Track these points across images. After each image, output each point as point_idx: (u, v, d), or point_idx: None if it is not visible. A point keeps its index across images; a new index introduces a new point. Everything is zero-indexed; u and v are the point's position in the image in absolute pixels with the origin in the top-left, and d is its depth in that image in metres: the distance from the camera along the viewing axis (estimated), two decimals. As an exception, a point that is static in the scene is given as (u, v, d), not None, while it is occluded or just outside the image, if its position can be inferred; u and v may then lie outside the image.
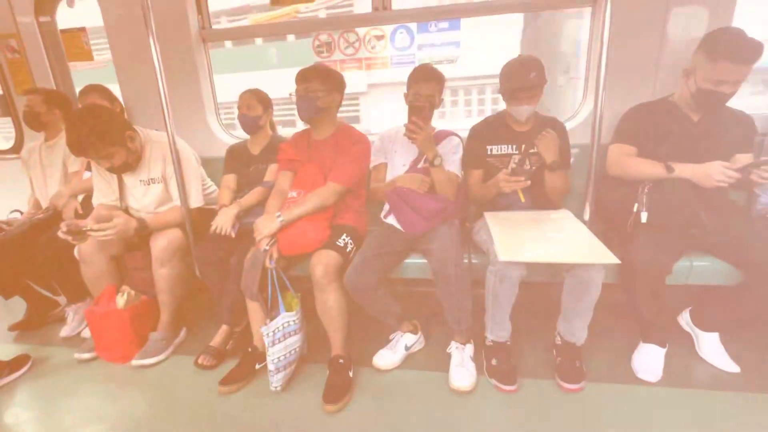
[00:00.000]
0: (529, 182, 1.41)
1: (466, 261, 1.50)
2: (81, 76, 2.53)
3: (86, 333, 1.85)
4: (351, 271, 1.43)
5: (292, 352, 1.44)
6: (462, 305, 1.44)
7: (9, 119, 2.56)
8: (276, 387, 1.42)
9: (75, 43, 2.25)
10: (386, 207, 1.72)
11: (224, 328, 1.69)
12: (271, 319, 1.41)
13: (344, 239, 1.52)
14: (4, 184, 2.44)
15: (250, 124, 1.83)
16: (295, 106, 1.57)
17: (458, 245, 1.45)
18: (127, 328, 1.66)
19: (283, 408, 1.39)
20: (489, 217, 1.55)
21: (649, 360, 1.43)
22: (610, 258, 1.20)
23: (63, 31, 2.30)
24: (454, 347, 1.51)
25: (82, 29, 2.25)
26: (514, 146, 1.61)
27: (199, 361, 1.60)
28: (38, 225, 1.94)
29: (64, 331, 1.93)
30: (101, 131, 1.51)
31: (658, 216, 1.39)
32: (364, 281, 1.43)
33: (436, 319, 1.77)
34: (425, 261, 1.54)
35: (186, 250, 1.73)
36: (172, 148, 1.62)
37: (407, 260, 1.60)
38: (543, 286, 1.52)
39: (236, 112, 1.84)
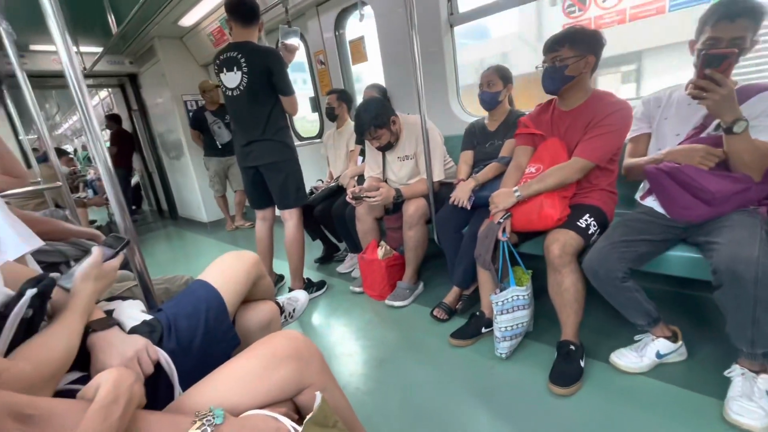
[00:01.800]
0: None
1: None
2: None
3: (356, 273, 2.47)
4: (593, 255, 1.30)
5: (519, 325, 1.47)
6: (761, 321, 1.07)
7: (317, 114, 3.60)
8: (502, 354, 1.50)
9: (358, 49, 2.89)
10: (644, 186, 1.45)
11: (455, 289, 1.89)
12: (501, 290, 1.47)
13: (587, 220, 1.39)
14: (315, 161, 3.47)
15: (489, 100, 1.89)
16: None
17: (764, 242, 1.07)
18: (384, 274, 2.11)
19: (507, 374, 1.45)
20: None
21: None
22: None
23: (350, 41, 2.98)
24: (737, 372, 1.16)
25: (361, 37, 2.85)
26: None
27: (434, 312, 1.87)
28: (332, 191, 2.68)
29: (341, 268, 2.65)
30: (375, 118, 1.92)
31: None
32: (608, 269, 1.27)
33: (707, 331, 1.39)
34: (700, 256, 1.22)
35: (428, 217, 2.01)
36: (423, 129, 1.88)
37: (671, 252, 1.31)
38: None
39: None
